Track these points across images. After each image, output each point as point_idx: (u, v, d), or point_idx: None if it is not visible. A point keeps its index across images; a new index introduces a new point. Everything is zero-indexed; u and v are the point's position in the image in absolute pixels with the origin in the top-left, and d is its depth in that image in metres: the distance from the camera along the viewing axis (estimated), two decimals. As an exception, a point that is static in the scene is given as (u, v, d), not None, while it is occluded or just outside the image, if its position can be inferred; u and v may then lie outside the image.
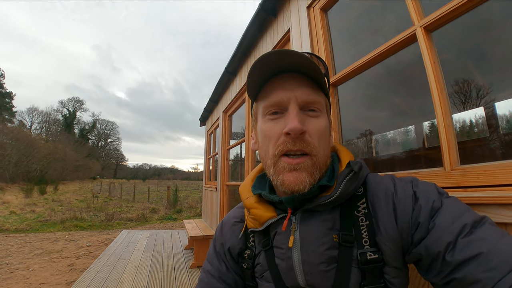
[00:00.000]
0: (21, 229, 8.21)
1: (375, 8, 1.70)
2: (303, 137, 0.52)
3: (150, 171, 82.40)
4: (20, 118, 49.61)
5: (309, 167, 0.52)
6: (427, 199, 0.49)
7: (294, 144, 0.52)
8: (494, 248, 0.39)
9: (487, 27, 1.44)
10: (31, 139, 33.94)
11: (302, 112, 0.54)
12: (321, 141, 0.54)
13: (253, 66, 0.53)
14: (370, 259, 0.50)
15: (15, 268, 4.43)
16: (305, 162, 0.52)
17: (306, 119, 0.54)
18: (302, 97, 0.53)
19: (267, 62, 0.52)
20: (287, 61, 0.52)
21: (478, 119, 1.65)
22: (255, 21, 2.34)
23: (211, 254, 0.70)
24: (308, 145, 0.52)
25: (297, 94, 0.53)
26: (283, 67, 0.54)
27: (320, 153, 0.53)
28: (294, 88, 0.54)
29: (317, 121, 0.54)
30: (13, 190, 20.72)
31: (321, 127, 0.54)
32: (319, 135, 0.54)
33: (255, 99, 0.62)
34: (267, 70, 0.54)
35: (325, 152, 0.55)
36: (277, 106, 0.55)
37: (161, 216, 10.89)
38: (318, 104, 0.55)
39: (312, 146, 0.52)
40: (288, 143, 0.52)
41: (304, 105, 0.54)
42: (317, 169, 0.53)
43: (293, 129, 0.50)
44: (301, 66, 0.53)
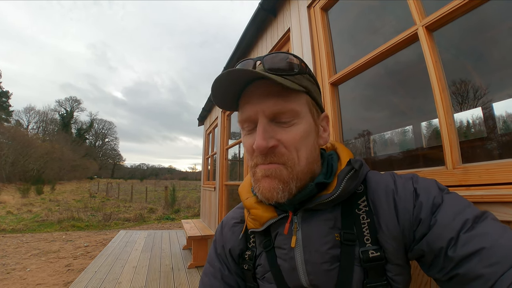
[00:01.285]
0: (18, 229, 8.16)
1: (376, 8, 1.70)
2: (274, 151, 0.50)
3: (147, 171, 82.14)
4: (17, 118, 49.34)
5: (283, 176, 0.50)
6: (427, 195, 0.49)
7: (264, 159, 0.51)
8: (496, 243, 0.39)
9: (485, 28, 1.45)
10: (28, 138, 33.74)
11: (274, 123, 0.52)
12: (302, 148, 0.52)
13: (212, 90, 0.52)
14: (372, 257, 0.50)
15: (11, 269, 4.40)
16: (278, 169, 0.50)
17: (279, 131, 0.51)
18: (269, 109, 0.51)
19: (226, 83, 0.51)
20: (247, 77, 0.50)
21: (476, 119, 1.66)
22: (255, 21, 2.33)
23: (212, 256, 0.69)
24: (281, 157, 0.50)
25: (263, 106, 0.51)
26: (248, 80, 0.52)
27: (301, 162, 0.52)
28: (261, 100, 0.51)
29: (291, 130, 0.51)
30: (10, 190, 20.57)
31: (297, 136, 0.51)
32: (296, 144, 0.51)
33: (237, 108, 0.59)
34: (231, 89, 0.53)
35: (308, 158, 0.53)
36: (249, 121, 0.53)
37: (159, 216, 10.86)
38: (288, 113, 0.51)
39: (286, 157, 0.50)
40: (259, 157, 0.51)
41: (274, 117, 0.51)
42: (295, 179, 0.51)
43: (257, 148, 0.49)
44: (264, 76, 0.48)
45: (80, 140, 56.99)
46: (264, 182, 0.51)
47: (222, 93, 0.54)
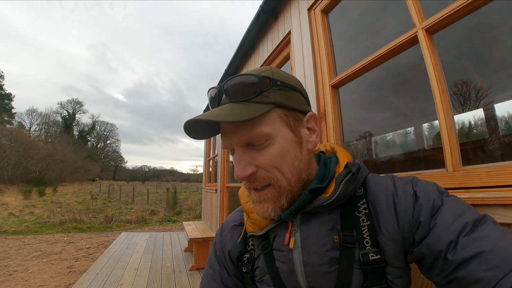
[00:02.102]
0: (20, 231, 8.18)
1: (376, 10, 1.71)
2: (254, 176, 0.52)
3: (149, 173, 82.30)
4: (20, 120, 49.70)
5: (273, 197, 0.53)
6: (427, 198, 0.49)
7: (249, 184, 0.54)
8: (496, 246, 0.39)
9: (486, 29, 1.45)
10: (30, 140, 33.93)
11: (250, 148, 0.53)
12: (282, 165, 0.52)
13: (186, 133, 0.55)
14: (372, 260, 0.50)
15: (13, 270, 4.41)
16: (269, 193, 0.53)
17: (255, 155, 0.52)
18: (241, 140, 0.52)
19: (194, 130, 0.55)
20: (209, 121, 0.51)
21: (478, 120, 1.66)
22: (256, 23, 2.34)
23: (212, 259, 0.70)
24: (263, 180, 0.52)
25: (234, 138, 0.53)
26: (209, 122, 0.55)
27: (286, 177, 0.53)
28: (231, 132, 0.53)
29: (267, 152, 0.52)
30: (12, 191, 20.66)
31: (273, 155, 0.52)
32: (274, 164, 0.52)
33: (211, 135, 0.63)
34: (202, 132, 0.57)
35: (293, 170, 0.53)
36: (229, 149, 0.56)
37: (161, 218, 10.86)
38: (260, 137, 0.51)
39: (268, 178, 0.52)
40: (245, 182, 0.55)
41: (247, 144, 0.53)
42: (284, 194, 0.53)
43: (237, 177, 0.53)
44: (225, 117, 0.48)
45: (82, 142, 57.28)
46: (258, 206, 0.55)
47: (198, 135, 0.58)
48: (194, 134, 0.56)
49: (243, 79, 0.52)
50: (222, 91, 0.54)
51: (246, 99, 0.51)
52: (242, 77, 0.53)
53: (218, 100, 0.55)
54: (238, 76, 0.53)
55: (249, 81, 0.52)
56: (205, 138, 0.60)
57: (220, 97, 0.55)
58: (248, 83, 0.52)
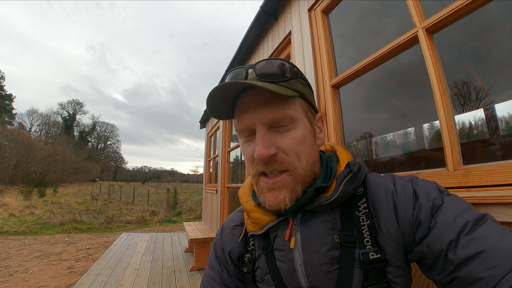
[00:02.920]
0: (20, 231, 8.17)
1: (376, 11, 1.71)
2: (275, 158, 0.51)
3: (149, 174, 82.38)
4: (20, 120, 49.70)
5: (289, 184, 0.51)
6: (427, 197, 0.49)
7: (266, 167, 0.51)
8: (496, 245, 0.39)
9: (486, 29, 1.45)
10: (30, 141, 33.94)
11: (272, 130, 0.52)
12: (301, 152, 0.52)
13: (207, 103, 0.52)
14: (372, 259, 0.50)
15: (14, 271, 4.40)
16: (284, 180, 0.51)
17: (277, 137, 0.52)
18: (267, 117, 0.51)
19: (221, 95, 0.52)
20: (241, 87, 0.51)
21: (478, 120, 1.66)
22: (256, 24, 2.35)
23: (212, 259, 0.70)
24: (282, 163, 0.51)
25: (260, 115, 0.51)
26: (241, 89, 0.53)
27: (302, 165, 0.52)
28: (256, 109, 0.51)
29: (290, 135, 0.52)
30: (12, 192, 20.67)
31: (295, 139, 0.52)
32: (295, 148, 0.52)
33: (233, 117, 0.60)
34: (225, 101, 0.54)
35: (309, 160, 0.54)
36: (247, 130, 0.54)
37: (161, 218, 10.85)
38: (286, 118, 0.52)
39: (287, 162, 0.51)
40: (261, 165, 0.52)
41: (271, 124, 0.52)
42: (299, 182, 0.52)
43: (258, 157, 0.50)
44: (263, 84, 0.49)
45: (82, 143, 57.31)
46: (269, 196, 0.52)
47: (218, 106, 0.54)
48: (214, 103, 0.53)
49: (275, 62, 0.53)
50: (252, 70, 0.53)
51: (277, 80, 0.52)
52: (274, 60, 0.54)
53: (245, 78, 0.54)
54: (269, 59, 0.54)
55: (281, 66, 0.53)
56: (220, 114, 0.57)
57: (247, 76, 0.54)
58: (280, 67, 0.53)
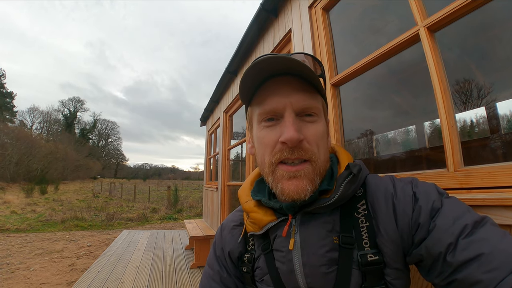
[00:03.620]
0: (22, 229, 8.23)
1: (377, 8, 1.69)
2: (301, 145, 0.50)
3: (150, 171, 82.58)
4: (21, 118, 49.78)
5: (309, 174, 0.51)
6: (427, 199, 0.49)
7: (292, 153, 0.50)
8: (496, 248, 0.39)
9: (488, 27, 1.43)
10: (32, 139, 34.02)
11: (299, 118, 0.52)
12: (320, 146, 0.53)
13: (245, 73, 0.51)
14: (370, 261, 0.50)
15: (15, 268, 4.44)
16: (305, 168, 0.51)
17: (303, 126, 0.52)
18: (298, 103, 0.51)
19: (261, 69, 0.51)
20: (281, 66, 0.51)
21: (479, 119, 1.65)
22: (256, 21, 2.33)
23: (211, 259, 0.70)
24: (307, 152, 0.51)
25: (292, 100, 0.51)
26: (277, 71, 0.52)
27: (321, 158, 0.53)
28: (289, 94, 0.52)
29: (315, 127, 0.53)
30: (14, 189, 20.76)
31: (319, 132, 0.53)
32: (317, 141, 0.52)
33: (249, 103, 0.60)
34: (260, 76, 0.53)
35: (325, 156, 0.54)
36: (273, 113, 0.53)
37: (162, 216, 10.89)
38: (315, 109, 0.53)
39: (311, 152, 0.51)
40: (285, 151, 0.51)
41: (300, 111, 0.52)
42: (318, 174, 0.52)
43: (290, 139, 0.49)
44: (295, 70, 0.51)
45: (83, 140, 57.43)
46: (289, 184, 0.51)
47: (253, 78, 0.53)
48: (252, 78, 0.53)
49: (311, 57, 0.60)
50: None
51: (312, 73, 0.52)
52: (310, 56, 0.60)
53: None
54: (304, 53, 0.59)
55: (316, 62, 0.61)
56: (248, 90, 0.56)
57: None
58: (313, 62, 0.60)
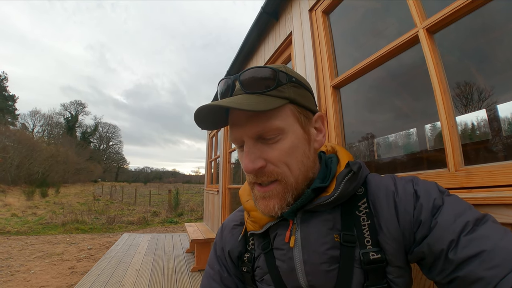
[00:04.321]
0: (23, 231, 8.22)
1: (377, 11, 1.71)
2: (263, 171, 0.51)
3: (151, 174, 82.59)
4: (23, 121, 49.96)
5: (279, 193, 0.52)
6: (428, 197, 0.49)
7: (256, 178, 0.53)
8: (497, 246, 0.39)
9: (488, 29, 1.44)
10: (33, 142, 34.11)
11: (261, 141, 0.52)
12: (291, 161, 0.52)
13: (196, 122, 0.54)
14: (373, 259, 0.50)
15: (16, 271, 4.43)
16: (274, 189, 0.52)
17: (265, 149, 0.52)
18: (252, 131, 0.51)
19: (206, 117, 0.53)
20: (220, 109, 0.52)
21: (480, 121, 1.65)
22: (257, 24, 2.35)
23: (212, 259, 0.70)
24: (271, 174, 0.51)
25: (246, 129, 0.51)
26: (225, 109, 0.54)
27: (293, 174, 0.52)
28: (244, 123, 0.52)
29: (278, 146, 0.51)
30: (15, 192, 20.78)
31: (284, 150, 0.51)
32: (284, 159, 0.51)
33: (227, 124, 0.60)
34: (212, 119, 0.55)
35: (301, 168, 0.53)
36: (237, 142, 0.55)
37: (163, 219, 10.86)
38: (272, 130, 0.51)
39: (276, 173, 0.51)
40: (251, 176, 0.54)
41: (258, 136, 0.52)
42: (289, 191, 0.52)
43: (246, 170, 0.51)
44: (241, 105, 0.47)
45: (84, 144, 57.58)
46: (261, 203, 0.54)
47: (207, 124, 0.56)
48: (203, 122, 0.55)
49: (260, 71, 0.52)
50: (237, 81, 0.53)
51: (262, 91, 0.51)
52: (259, 69, 0.52)
53: (231, 91, 0.54)
54: (255, 68, 0.52)
55: (267, 74, 0.52)
56: (213, 128, 0.59)
57: (233, 87, 0.54)
58: (265, 76, 0.52)
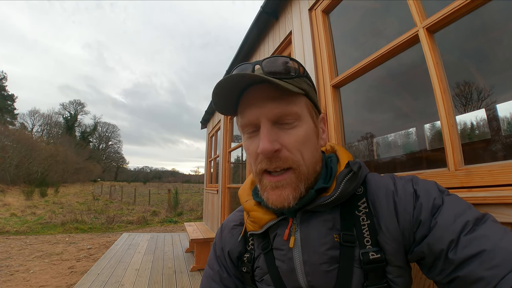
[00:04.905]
0: (22, 231, 8.20)
1: (377, 10, 1.70)
2: (278, 155, 0.50)
3: (151, 174, 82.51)
4: (22, 121, 49.82)
5: (292, 182, 0.51)
6: (428, 197, 0.49)
7: (270, 163, 0.51)
8: (497, 245, 0.39)
9: (488, 28, 1.44)
10: (32, 141, 34.03)
11: (277, 126, 0.52)
12: (304, 150, 0.52)
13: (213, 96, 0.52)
14: (372, 259, 0.50)
15: (15, 270, 4.42)
16: (288, 178, 0.51)
17: (282, 134, 0.51)
18: (272, 113, 0.51)
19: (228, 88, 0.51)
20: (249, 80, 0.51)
21: (480, 121, 1.65)
22: (257, 24, 2.35)
23: (211, 259, 0.70)
24: (286, 160, 0.50)
25: (265, 110, 0.51)
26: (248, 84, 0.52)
27: (306, 163, 0.52)
28: (263, 104, 0.51)
29: (294, 132, 0.52)
30: (14, 192, 20.74)
31: (300, 137, 0.52)
32: (299, 146, 0.51)
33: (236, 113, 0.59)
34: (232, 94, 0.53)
35: (312, 158, 0.53)
36: (251, 125, 0.53)
37: (162, 219, 10.86)
38: (291, 115, 0.51)
39: (291, 160, 0.50)
40: (264, 162, 0.51)
41: (276, 120, 0.51)
42: (302, 180, 0.52)
43: (263, 151, 0.49)
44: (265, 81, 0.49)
45: (84, 143, 57.49)
46: (272, 194, 0.51)
47: (224, 99, 0.54)
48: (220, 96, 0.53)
49: (282, 59, 0.53)
50: (258, 65, 0.53)
51: (284, 77, 0.51)
52: (281, 57, 0.54)
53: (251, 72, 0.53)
54: (277, 56, 0.53)
55: (289, 63, 0.53)
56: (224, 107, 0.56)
57: (253, 71, 0.53)
58: (288, 65, 0.53)
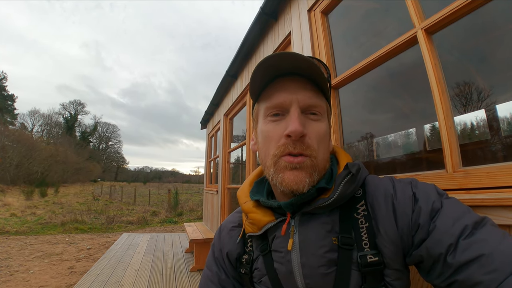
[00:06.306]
0: (22, 231, 8.20)
1: (375, 11, 1.70)
2: (303, 140, 0.52)
3: (151, 174, 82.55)
4: (22, 121, 49.86)
5: (308, 168, 0.52)
6: (427, 200, 0.49)
7: (294, 147, 0.52)
8: (496, 249, 0.39)
9: (487, 29, 1.44)
10: (32, 141, 34.05)
11: (303, 115, 0.54)
12: (321, 145, 0.54)
13: (256, 68, 0.53)
14: (370, 262, 0.50)
15: (15, 271, 4.42)
16: (305, 162, 0.52)
17: (307, 122, 0.54)
18: (304, 100, 0.53)
19: (269, 65, 0.53)
20: (289, 63, 0.53)
21: (479, 121, 1.65)
22: (256, 24, 2.35)
23: (210, 260, 0.70)
24: (308, 147, 0.52)
25: (299, 96, 0.53)
26: (285, 70, 0.54)
27: (320, 156, 0.53)
28: (296, 91, 0.54)
29: (317, 125, 0.55)
30: (14, 192, 20.74)
31: (321, 131, 0.54)
32: (318, 139, 0.54)
33: (257, 100, 0.61)
34: (269, 72, 0.55)
35: (324, 155, 0.55)
36: (279, 108, 0.55)
37: (162, 219, 10.85)
38: (319, 108, 0.55)
39: (311, 148, 0.52)
40: (289, 145, 0.52)
41: (305, 108, 0.54)
42: (316, 171, 0.53)
43: (294, 132, 0.50)
44: (303, 69, 0.53)
45: (84, 143, 57.51)
46: (290, 174, 0.52)
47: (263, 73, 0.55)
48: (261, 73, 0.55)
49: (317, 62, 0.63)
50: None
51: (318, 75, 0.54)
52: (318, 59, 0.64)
53: None
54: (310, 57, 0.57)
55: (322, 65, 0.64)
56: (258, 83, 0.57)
57: None
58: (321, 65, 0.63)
